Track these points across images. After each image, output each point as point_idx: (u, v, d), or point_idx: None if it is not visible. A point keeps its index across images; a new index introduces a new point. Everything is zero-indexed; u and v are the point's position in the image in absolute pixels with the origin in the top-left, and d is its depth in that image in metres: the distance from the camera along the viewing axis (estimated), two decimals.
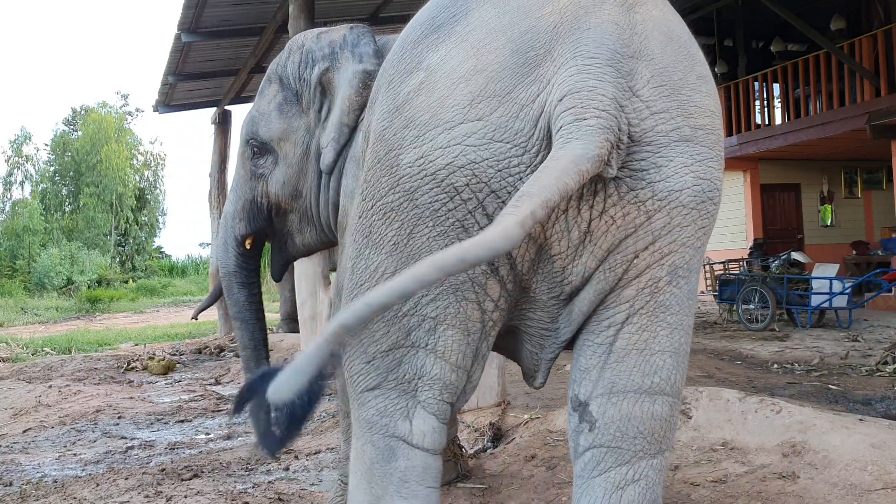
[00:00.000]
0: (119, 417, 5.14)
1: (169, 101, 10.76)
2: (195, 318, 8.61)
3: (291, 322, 8.85)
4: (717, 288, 9.61)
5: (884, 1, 10.82)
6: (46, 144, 28.84)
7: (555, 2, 1.49)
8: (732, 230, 12.53)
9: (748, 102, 11.92)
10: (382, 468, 1.66)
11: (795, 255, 9.34)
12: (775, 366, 6.17)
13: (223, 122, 10.74)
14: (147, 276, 25.61)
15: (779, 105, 12.43)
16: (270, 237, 2.67)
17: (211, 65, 9.52)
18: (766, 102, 12.36)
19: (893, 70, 9.47)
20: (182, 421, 4.98)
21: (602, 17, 1.46)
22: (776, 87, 12.16)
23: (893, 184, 10.77)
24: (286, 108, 2.44)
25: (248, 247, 2.64)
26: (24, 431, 4.83)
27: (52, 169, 28.08)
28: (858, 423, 2.93)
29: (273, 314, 13.04)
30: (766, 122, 12.13)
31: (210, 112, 10.91)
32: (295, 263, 3.73)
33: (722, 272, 10.04)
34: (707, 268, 10.44)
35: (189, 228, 59.97)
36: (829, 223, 12.93)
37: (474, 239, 1.17)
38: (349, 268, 1.76)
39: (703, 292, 10.70)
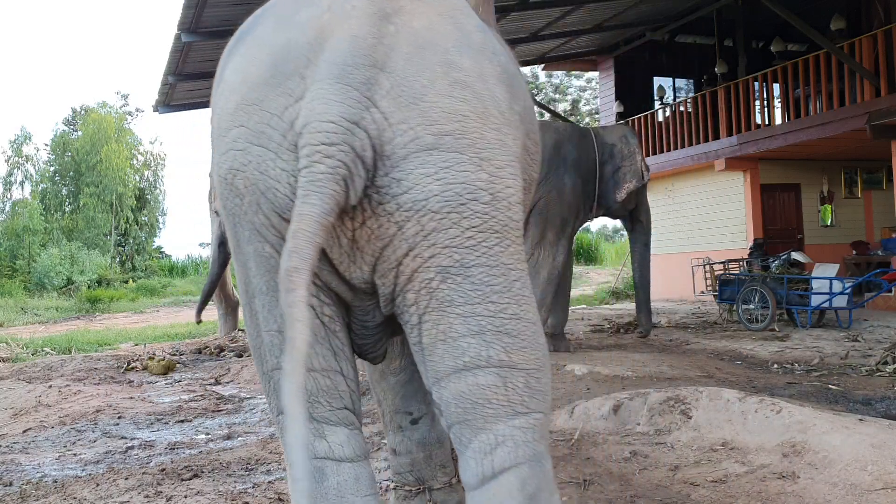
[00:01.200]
0: (119, 417, 5.14)
1: (169, 101, 10.76)
2: (199, 321, 8.41)
3: None
4: (717, 288, 9.61)
5: (884, 1, 10.82)
6: (46, 144, 28.79)
7: (318, 17, 1.57)
8: (732, 230, 12.53)
9: (748, 102, 11.92)
10: (319, 489, 1.73)
11: (795, 255, 9.33)
12: (775, 366, 6.17)
13: None
14: (147, 276, 25.55)
15: (779, 105, 12.43)
16: None
17: (211, 65, 9.46)
18: (766, 102, 12.36)
19: (893, 70, 9.46)
20: (182, 421, 4.98)
21: (344, 31, 1.52)
22: (776, 87, 12.16)
23: (893, 184, 10.77)
24: None
25: None
26: (24, 431, 4.83)
27: (52, 169, 28.04)
28: (858, 423, 2.93)
29: None
30: (766, 122, 12.13)
31: (210, 112, 10.89)
32: None
33: (722, 272, 10.03)
34: (707, 268, 10.43)
35: (189, 228, 59.84)
36: (829, 223, 12.93)
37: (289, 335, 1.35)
38: None
39: (703, 292, 10.70)
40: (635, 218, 7.53)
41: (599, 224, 36.88)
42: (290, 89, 1.51)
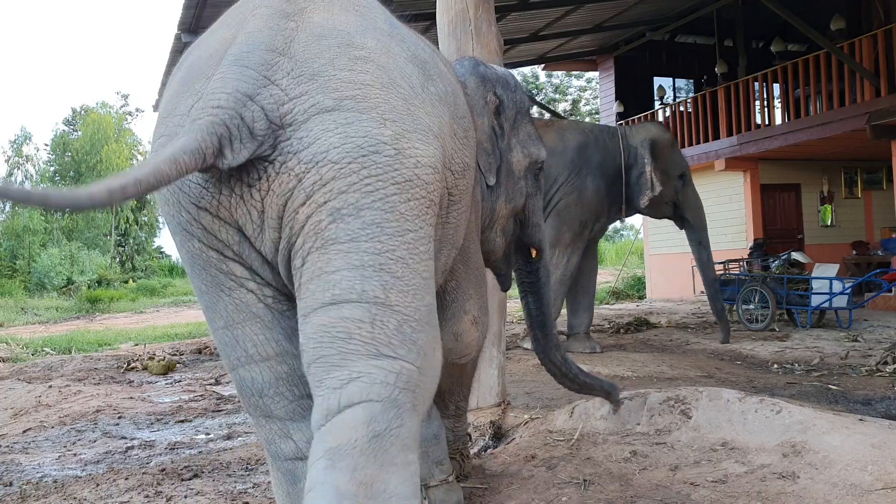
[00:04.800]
0: (119, 417, 5.14)
1: None
2: None
3: None
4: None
5: (884, 1, 10.82)
6: (46, 144, 28.83)
7: (226, 34, 1.65)
8: (732, 230, 12.52)
9: (748, 102, 11.91)
10: (293, 490, 1.73)
11: (795, 255, 9.33)
12: (775, 366, 6.17)
13: None
14: (147, 276, 25.56)
15: (779, 105, 12.42)
16: None
17: None
18: (766, 102, 12.35)
19: (893, 70, 9.46)
20: (182, 421, 4.97)
21: (246, 29, 1.61)
22: (776, 87, 12.16)
23: (893, 184, 10.76)
24: None
25: None
26: (24, 431, 4.82)
27: (52, 169, 28.04)
28: (858, 423, 2.93)
29: None
30: (766, 122, 12.12)
31: None
32: None
33: (722, 272, 10.03)
34: None
35: None
36: (829, 223, 12.92)
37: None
38: None
39: (703, 292, 10.67)
40: (680, 216, 7.36)
41: None
42: (196, 90, 1.58)
